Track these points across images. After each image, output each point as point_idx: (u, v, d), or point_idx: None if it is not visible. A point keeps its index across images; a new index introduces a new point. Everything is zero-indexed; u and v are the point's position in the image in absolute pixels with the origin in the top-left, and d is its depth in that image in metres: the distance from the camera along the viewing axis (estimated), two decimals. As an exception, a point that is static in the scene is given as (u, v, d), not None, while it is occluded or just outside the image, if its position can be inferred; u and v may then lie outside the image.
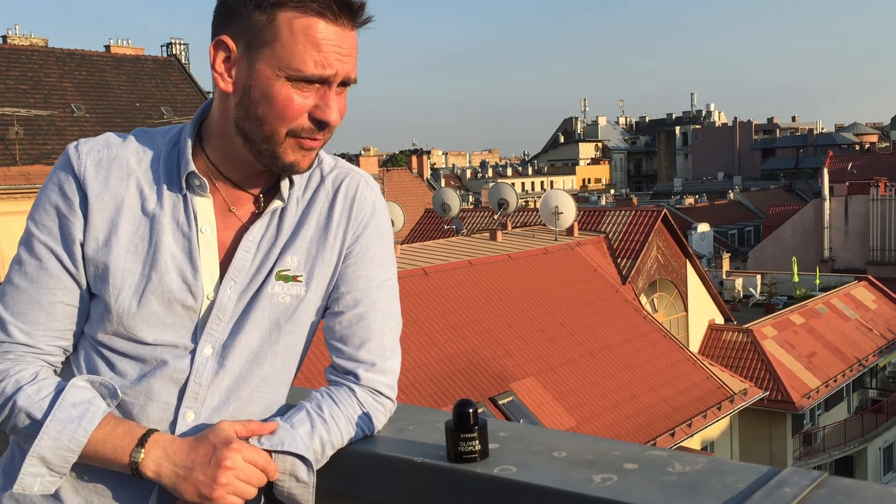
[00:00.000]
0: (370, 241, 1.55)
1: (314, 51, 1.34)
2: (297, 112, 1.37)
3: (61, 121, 22.41)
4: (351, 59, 1.38)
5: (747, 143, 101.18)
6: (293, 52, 1.34)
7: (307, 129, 1.39)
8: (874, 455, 29.67)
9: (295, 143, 1.40)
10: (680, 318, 25.42)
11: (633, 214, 25.06)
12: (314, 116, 1.38)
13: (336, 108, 1.39)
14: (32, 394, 1.35)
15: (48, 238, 1.42)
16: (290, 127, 1.38)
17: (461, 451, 1.39)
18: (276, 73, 1.35)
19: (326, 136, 1.43)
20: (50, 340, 1.42)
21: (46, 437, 1.31)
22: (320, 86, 1.37)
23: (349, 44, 1.38)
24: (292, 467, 1.39)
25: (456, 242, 23.56)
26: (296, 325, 1.49)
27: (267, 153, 1.41)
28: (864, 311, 32.63)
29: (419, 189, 50.31)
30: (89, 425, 1.32)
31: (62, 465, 1.32)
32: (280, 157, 1.41)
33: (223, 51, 1.39)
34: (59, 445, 1.31)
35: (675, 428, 17.83)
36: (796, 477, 1.23)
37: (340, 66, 1.36)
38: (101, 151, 1.45)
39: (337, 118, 1.39)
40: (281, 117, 1.37)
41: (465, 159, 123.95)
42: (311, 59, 1.34)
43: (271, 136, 1.39)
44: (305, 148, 1.41)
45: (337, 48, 1.35)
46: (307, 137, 1.40)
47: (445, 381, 15.51)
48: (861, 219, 46.05)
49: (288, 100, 1.36)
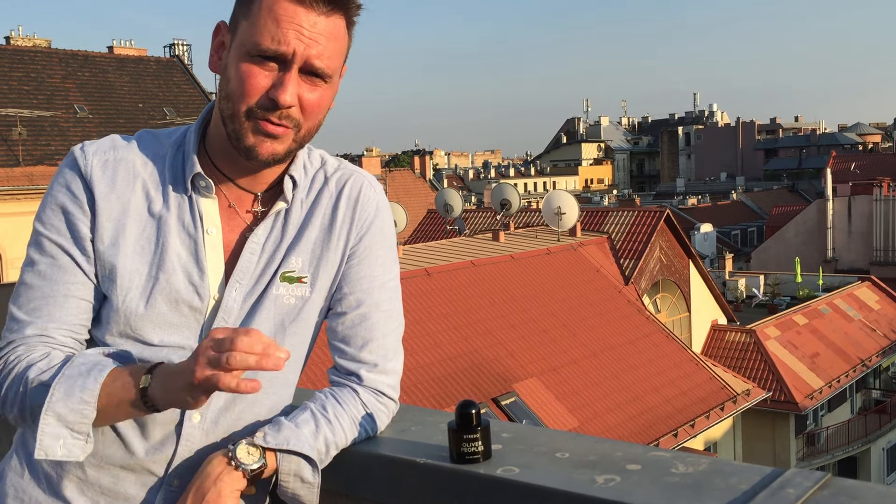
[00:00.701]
0: (373, 241, 1.55)
1: (273, 26, 1.33)
2: (253, 88, 1.36)
3: (64, 122, 22.44)
4: (316, 45, 1.35)
5: (750, 143, 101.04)
6: (255, 27, 1.35)
7: (262, 107, 1.36)
8: (878, 455, 29.62)
9: (254, 126, 1.38)
10: (683, 319, 25.40)
11: (635, 215, 25.05)
12: (268, 96, 1.36)
13: (291, 90, 1.36)
14: (43, 366, 1.35)
15: (58, 236, 1.42)
16: (249, 104, 1.37)
17: (464, 452, 1.39)
18: (241, 49, 1.36)
19: (296, 130, 1.40)
20: (65, 333, 1.42)
21: (58, 391, 1.28)
22: (281, 67, 1.36)
23: (319, 29, 1.35)
24: (297, 467, 1.39)
25: (458, 243, 23.56)
26: (300, 326, 1.49)
27: (234, 135, 1.40)
28: (868, 311, 32.58)
29: (422, 190, 50.33)
30: (100, 374, 1.29)
31: (80, 420, 1.28)
32: (242, 138, 1.39)
33: (218, 35, 1.43)
34: (71, 398, 1.28)
35: (678, 428, 17.81)
36: (799, 478, 1.22)
37: (299, 45, 1.34)
38: (108, 153, 1.46)
39: (291, 100, 1.36)
40: (241, 93, 1.37)
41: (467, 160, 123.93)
42: (269, 34, 1.33)
43: (234, 115, 1.38)
44: (263, 132, 1.38)
45: (297, 27, 1.34)
46: (263, 119, 1.37)
47: (448, 382, 15.51)
48: (864, 219, 45.99)
49: (246, 74, 1.36)
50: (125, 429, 1.40)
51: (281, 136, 1.40)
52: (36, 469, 1.44)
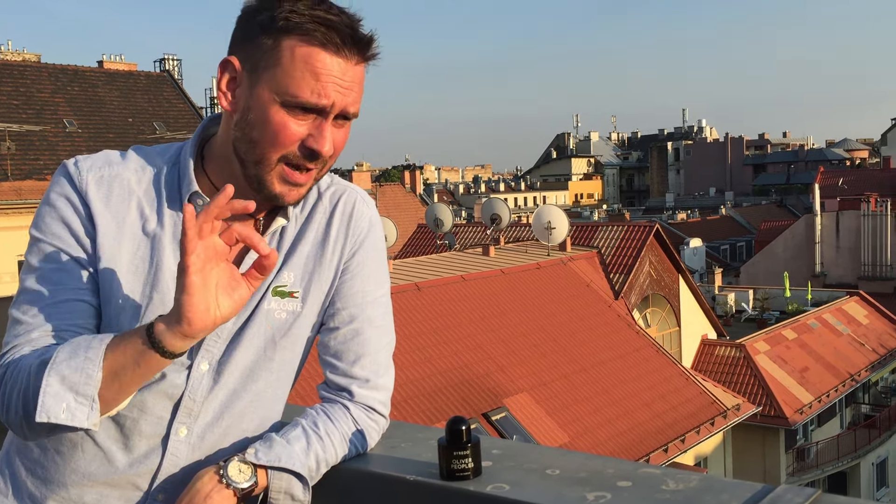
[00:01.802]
0: (367, 257, 1.55)
1: (312, 79, 1.33)
2: (290, 139, 1.36)
3: (53, 136, 22.37)
4: (351, 93, 1.37)
5: (739, 158, 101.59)
6: (292, 79, 1.33)
7: (298, 156, 1.38)
8: (867, 470, 29.64)
9: (284, 174, 1.39)
10: (672, 334, 25.44)
11: (625, 230, 25.12)
12: (306, 145, 1.37)
13: (329, 138, 1.37)
14: (45, 352, 1.29)
15: (59, 242, 1.40)
16: (282, 153, 1.37)
17: (454, 469, 1.39)
18: (274, 98, 1.34)
19: (318, 170, 1.42)
20: (73, 335, 1.37)
21: (62, 354, 1.24)
22: (316, 115, 1.36)
23: (351, 77, 1.36)
24: (288, 485, 1.38)
25: (448, 257, 23.57)
26: (291, 341, 1.49)
27: (256, 178, 1.40)
28: (856, 326, 32.71)
29: (412, 204, 50.38)
30: (105, 337, 1.27)
31: (84, 381, 1.22)
32: (268, 184, 1.40)
33: (229, 71, 1.40)
34: (75, 357, 1.23)
35: (669, 444, 17.80)
36: (790, 494, 1.22)
37: (338, 97, 1.35)
38: (102, 169, 1.44)
39: (329, 149, 1.38)
40: (273, 142, 1.36)
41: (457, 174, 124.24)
42: (308, 87, 1.33)
43: (262, 161, 1.38)
44: (292, 182, 1.40)
45: (336, 80, 1.34)
46: (296, 168, 1.39)
47: (438, 397, 15.47)
48: (852, 234, 46.25)
49: (282, 125, 1.35)
50: (108, 442, 1.39)
51: (307, 183, 1.42)
52: (20, 489, 1.42)
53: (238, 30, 1.40)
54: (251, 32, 1.37)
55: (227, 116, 1.43)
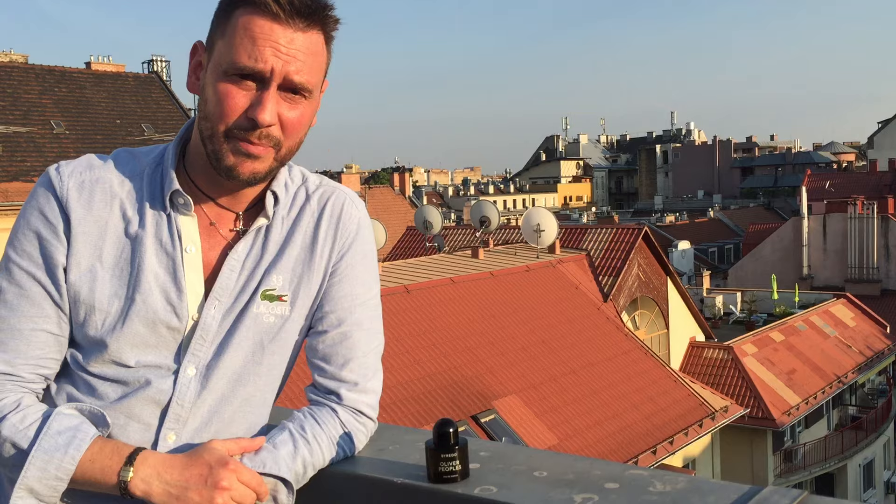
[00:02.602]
0: (355, 259, 1.54)
1: (249, 44, 1.32)
2: (232, 108, 1.35)
3: (40, 137, 22.24)
4: (294, 61, 1.34)
5: (727, 161, 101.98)
6: (231, 46, 1.33)
7: (241, 127, 1.35)
8: (854, 472, 29.79)
9: (234, 146, 1.37)
10: (661, 336, 25.50)
11: (614, 232, 25.17)
12: (247, 115, 1.35)
13: (271, 108, 1.34)
14: (17, 422, 1.32)
15: (29, 264, 1.39)
16: (228, 125, 1.36)
17: (441, 472, 1.38)
18: (218, 69, 1.35)
19: (277, 149, 1.39)
20: (31, 369, 1.39)
21: (33, 468, 1.27)
22: (258, 84, 1.34)
23: (296, 45, 1.34)
24: (274, 489, 1.38)
25: (438, 260, 23.56)
26: (279, 345, 1.48)
27: (213, 155, 1.39)
28: (843, 328, 32.87)
29: (401, 207, 50.31)
30: (76, 452, 1.28)
31: (51, 494, 1.29)
32: (222, 158, 1.38)
33: (196, 55, 1.42)
34: (46, 475, 1.27)
35: (657, 445, 17.83)
36: (777, 496, 1.23)
37: (276, 62, 1.33)
38: (84, 173, 1.43)
39: (269, 118, 1.34)
40: (219, 114, 1.36)
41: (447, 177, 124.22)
42: (245, 51, 1.32)
43: (213, 135, 1.37)
44: (243, 152, 1.37)
45: (275, 44, 1.32)
46: (243, 140, 1.36)
47: (427, 400, 15.45)
48: (839, 237, 46.48)
49: (224, 94, 1.34)
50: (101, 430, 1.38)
51: (261, 155, 1.38)
52: (7, 498, 1.41)
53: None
54: (215, 15, 1.39)
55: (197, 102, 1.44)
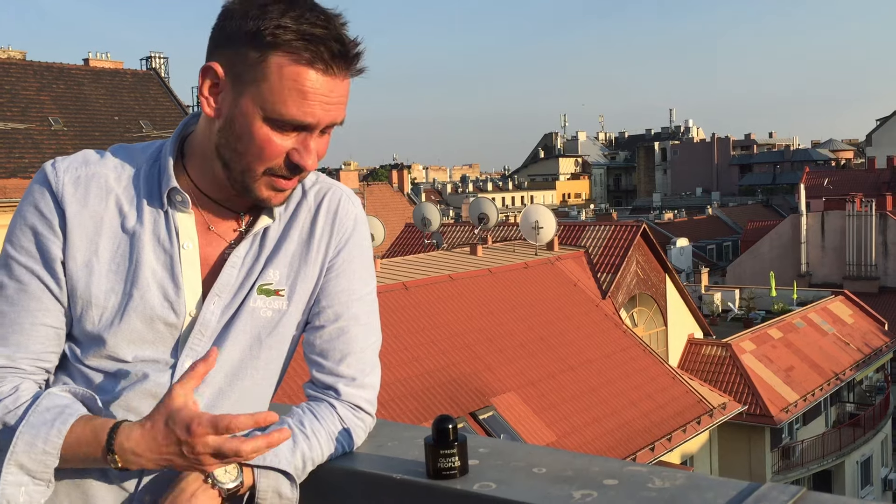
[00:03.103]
0: (352, 255, 1.55)
1: (300, 98, 1.32)
2: (275, 154, 1.36)
3: (38, 134, 22.22)
4: (337, 108, 1.37)
5: (725, 158, 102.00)
6: (279, 96, 1.32)
7: (282, 169, 1.38)
8: (852, 469, 29.84)
9: (269, 182, 1.40)
10: (659, 333, 25.53)
11: (612, 229, 25.18)
12: (291, 159, 1.37)
13: (314, 154, 1.38)
14: (9, 404, 1.34)
15: (27, 258, 1.40)
16: (268, 166, 1.38)
17: (440, 468, 1.38)
18: (259, 112, 1.34)
19: (302, 177, 1.43)
20: (31, 363, 1.40)
21: (21, 442, 1.28)
22: (302, 130, 1.36)
23: (338, 92, 1.36)
24: (276, 483, 1.38)
25: (436, 257, 23.56)
26: (277, 340, 1.49)
27: (241, 184, 1.41)
28: (841, 325, 32.91)
29: (400, 203, 50.30)
30: (63, 426, 1.29)
31: (42, 470, 1.29)
32: (254, 191, 1.41)
33: (211, 77, 1.37)
34: (34, 450, 1.28)
35: (655, 442, 17.87)
36: (775, 492, 1.23)
37: (324, 115, 1.35)
38: (79, 169, 1.43)
39: (313, 164, 1.39)
40: (258, 156, 1.37)
41: (445, 174, 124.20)
42: (295, 105, 1.32)
43: (247, 171, 1.39)
44: (279, 188, 1.41)
45: (324, 98, 1.34)
46: (282, 177, 1.39)
47: (426, 396, 15.47)
48: (837, 234, 46.50)
49: (267, 140, 1.35)
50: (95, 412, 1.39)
51: (293, 187, 1.45)
52: None
53: (219, 32, 1.37)
54: (235, 40, 1.33)
55: (207, 119, 1.42)
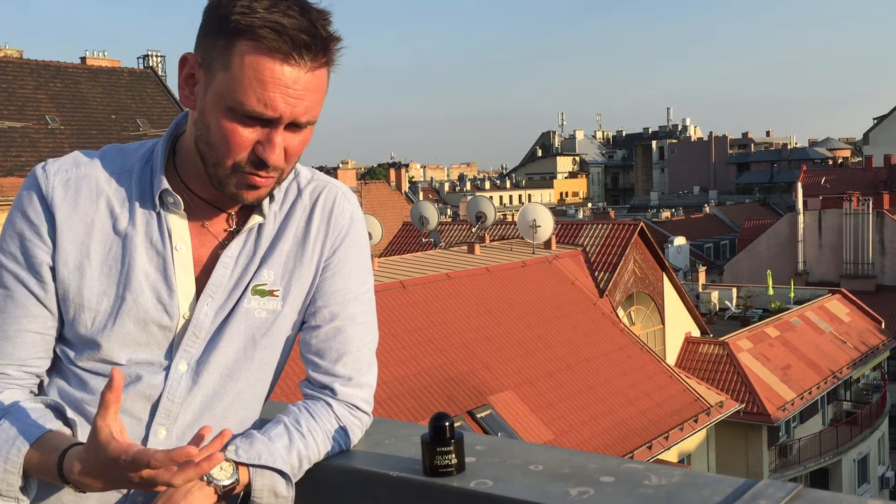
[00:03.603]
0: (348, 253, 1.53)
1: (259, 88, 1.28)
2: (239, 146, 1.32)
3: (35, 133, 22.19)
4: (302, 102, 1.30)
5: (722, 157, 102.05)
6: (239, 85, 1.28)
7: (249, 163, 1.34)
8: (849, 467, 29.89)
9: (240, 178, 1.36)
10: (657, 331, 25.54)
11: (610, 228, 25.18)
12: (255, 152, 1.33)
13: (279, 149, 1.33)
14: None
15: (13, 264, 1.39)
16: (234, 160, 1.34)
17: (437, 465, 1.39)
18: (222, 103, 1.31)
19: (275, 174, 1.37)
20: (17, 370, 1.39)
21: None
22: (266, 124, 1.31)
23: (304, 84, 1.29)
24: (271, 482, 1.37)
25: (434, 255, 23.55)
26: (271, 340, 1.48)
27: (215, 178, 1.38)
28: (838, 323, 32.95)
29: (397, 202, 50.27)
30: (23, 445, 1.28)
31: (6, 488, 1.28)
32: (226, 186, 1.37)
33: (187, 67, 1.36)
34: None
35: (653, 441, 17.87)
36: (772, 489, 1.23)
37: (286, 108, 1.29)
38: (70, 171, 1.42)
39: (278, 159, 1.33)
40: (224, 149, 1.33)
41: (443, 173, 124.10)
42: (255, 96, 1.28)
43: (217, 165, 1.36)
44: (249, 184, 1.36)
45: (285, 89, 1.28)
46: (250, 173, 1.35)
47: (423, 395, 15.47)
48: (834, 233, 46.55)
49: (231, 132, 1.31)
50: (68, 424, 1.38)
51: (266, 185, 1.38)
52: None
53: (201, 24, 1.36)
54: (209, 28, 1.32)
55: (190, 112, 1.41)
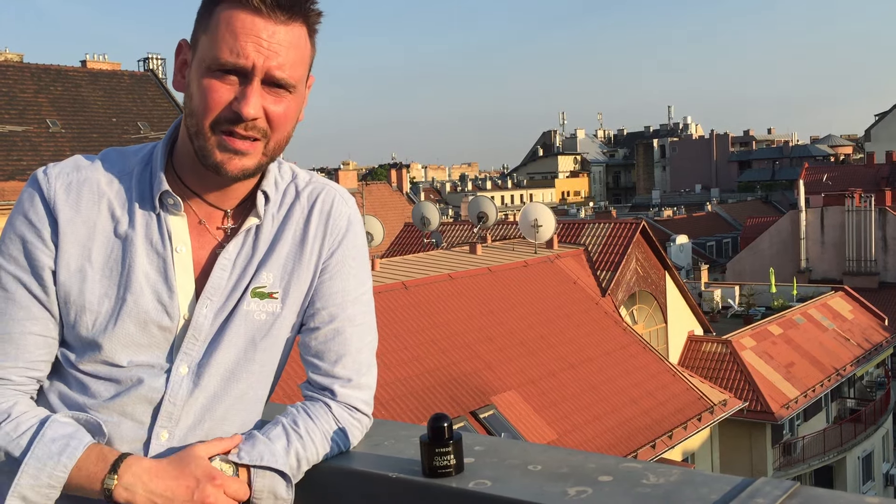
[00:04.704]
0: (346, 255, 1.54)
1: (231, 39, 1.32)
2: (216, 102, 1.35)
3: (36, 136, 22.20)
4: (277, 56, 1.34)
5: (724, 155, 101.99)
6: (214, 41, 1.34)
7: (226, 120, 1.35)
8: (853, 464, 29.85)
9: (220, 141, 1.37)
10: (659, 330, 25.53)
11: (611, 227, 25.18)
12: (231, 108, 1.35)
13: (254, 101, 1.35)
14: (10, 431, 1.33)
15: (15, 268, 1.39)
16: (212, 119, 1.36)
17: (436, 466, 1.39)
18: (202, 65, 1.35)
19: (265, 142, 1.39)
20: (21, 372, 1.39)
21: (26, 476, 1.28)
22: (241, 79, 1.35)
23: (277, 38, 1.34)
24: (272, 484, 1.38)
25: (436, 256, 23.55)
26: (271, 343, 1.48)
27: (200, 152, 1.39)
28: (841, 321, 32.91)
29: (399, 203, 50.26)
30: (69, 461, 1.29)
31: (45, 501, 1.29)
32: (209, 155, 1.38)
33: (182, 54, 1.42)
34: (38, 483, 1.28)
35: (656, 440, 17.86)
36: (769, 487, 1.23)
37: (258, 57, 1.33)
38: (71, 174, 1.43)
39: (253, 112, 1.34)
40: (203, 108, 1.36)
41: (444, 173, 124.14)
42: (227, 47, 1.33)
43: (200, 131, 1.37)
44: (230, 148, 1.37)
45: (256, 38, 1.33)
46: (228, 134, 1.36)
47: (426, 396, 15.46)
48: (837, 230, 46.50)
49: (208, 89, 1.35)
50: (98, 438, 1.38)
51: (249, 151, 1.39)
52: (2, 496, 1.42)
53: None
54: (198, 12, 1.39)
55: (184, 104, 1.44)
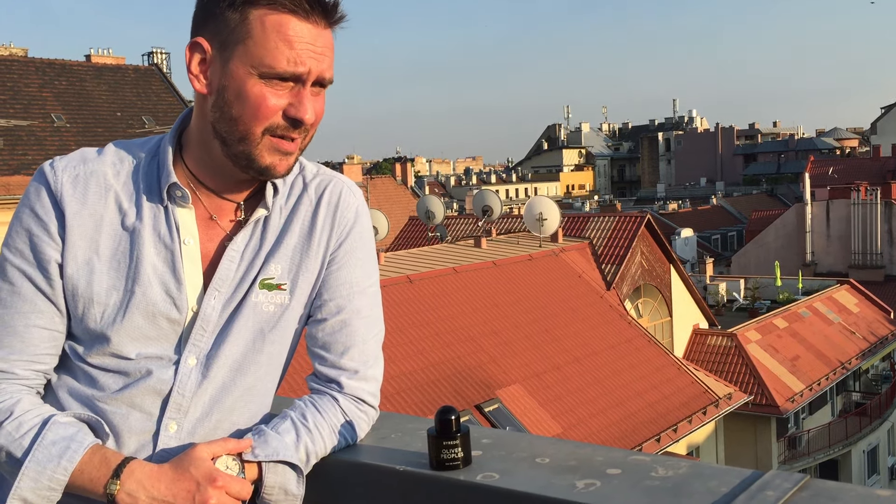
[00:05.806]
0: (353, 247, 1.54)
1: (287, 48, 1.33)
2: (271, 110, 1.35)
3: (41, 131, 22.22)
4: (325, 58, 1.37)
5: (729, 148, 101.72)
6: (266, 49, 1.33)
7: (282, 126, 1.37)
8: (858, 458, 29.82)
9: (271, 144, 1.38)
10: (664, 324, 25.50)
11: (616, 220, 25.14)
12: (288, 114, 1.36)
13: (311, 106, 1.37)
14: (12, 430, 1.32)
15: (21, 261, 1.39)
16: (265, 125, 1.36)
17: (443, 459, 1.38)
18: (249, 71, 1.34)
19: (303, 139, 1.41)
20: (26, 366, 1.39)
21: (26, 479, 1.28)
22: (294, 84, 1.36)
23: (323, 42, 1.36)
24: (283, 478, 1.38)
25: (440, 250, 23.55)
26: (280, 334, 1.48)
27: (243, 155, 1.39)
28: (847, 314, 32.86)
29: (403, 197, 50.28)
30: (69, 464, 1.29)
31: (45, 503, 1.29)
32: (256, 159, 1.39)
33: (198, 52, 1.38)
34: (39, 486, 1.28)
35: (661, 433, 17.86)
36: (779, 480, 1.22)
37: (314, 63, 1.35)
38: (77, 167, 1.43)
39: (311, 116, 1.38)
40: (255, 116, 1.36)
41: (449, 167, 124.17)
42: (283, 56, 1.33)
43: (246, 137, 1.37)
44: (282, 151, 1.39)
45: (310, 45, 1.34)
46: (282, 137, 1.38)
47: (431, 389, 15.48)
48: (842, 223, 46.40)
49: (261, 97, 1.35)
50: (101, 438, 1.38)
51: (294, 150, 1.42)
52: (7, 489, 1.42)
53: (199, 9, 1.39)
54: (214, 9, 1.36)
55: (200, 101, 1.41)
